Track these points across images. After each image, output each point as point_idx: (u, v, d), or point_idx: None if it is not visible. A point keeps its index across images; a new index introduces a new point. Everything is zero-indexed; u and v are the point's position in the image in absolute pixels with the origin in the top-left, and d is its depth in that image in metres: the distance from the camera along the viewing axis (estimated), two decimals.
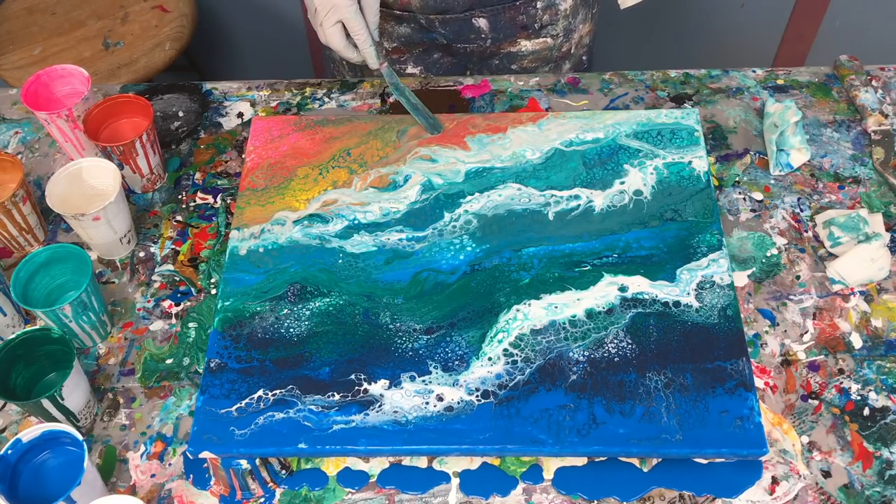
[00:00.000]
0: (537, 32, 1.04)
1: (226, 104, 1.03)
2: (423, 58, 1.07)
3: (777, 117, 0.94)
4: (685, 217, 0.85)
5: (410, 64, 1.07)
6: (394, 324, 0.79)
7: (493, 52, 1.06)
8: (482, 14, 1.00)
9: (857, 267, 0.83)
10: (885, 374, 0.79)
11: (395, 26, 1.03)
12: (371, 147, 0.93)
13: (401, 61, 1.07)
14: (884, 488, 0.73)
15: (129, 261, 0.90)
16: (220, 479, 0.75)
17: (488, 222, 0.86)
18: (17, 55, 1.57)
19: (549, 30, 1.05)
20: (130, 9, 1.64)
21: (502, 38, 1.04)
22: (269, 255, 0.84)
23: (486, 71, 1.09)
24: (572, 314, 0.79)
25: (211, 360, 0.78)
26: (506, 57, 1.07)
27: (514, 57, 1.07)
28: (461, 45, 1.04)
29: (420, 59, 1.07)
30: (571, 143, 0.92)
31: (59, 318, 0.77)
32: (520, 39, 1.05)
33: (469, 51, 1.05)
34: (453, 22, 1.01)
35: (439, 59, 1.07)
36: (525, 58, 1.07)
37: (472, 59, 1.07)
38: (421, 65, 1.07)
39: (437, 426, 0.73)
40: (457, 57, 1.07)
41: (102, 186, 0.89)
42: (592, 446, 0.72)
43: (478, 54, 1.06)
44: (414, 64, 1.07)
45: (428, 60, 1.07)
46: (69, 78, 0.94)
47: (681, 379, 0.75)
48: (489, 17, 1.01)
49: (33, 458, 0.71)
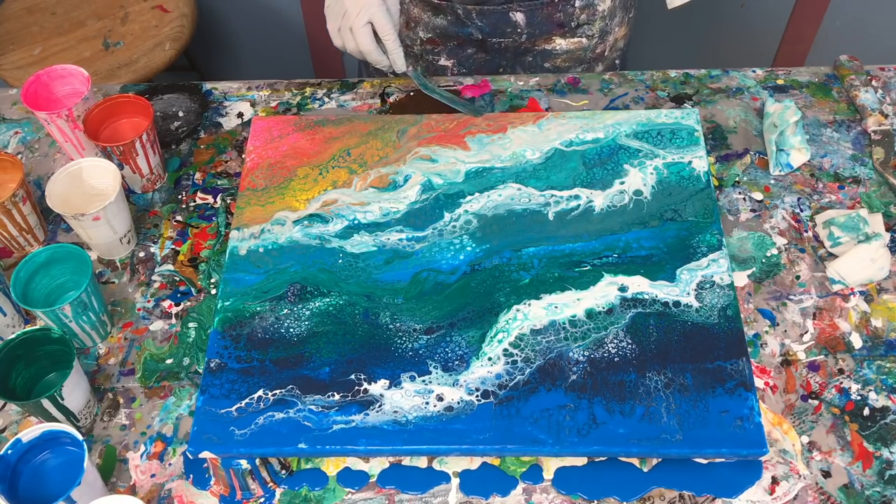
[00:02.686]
0: (573, 31, 1.04)
1: (226, 104, 1.03)
2: (456, 51, 1.06)
3: (776, 117, 0.94)
4: (685, 217, 0.85)
5: (444, 56, 1.07)
6: (394, 324, 0.79)
7: (527, 49, 1.06)
8: (520, 8, 1.00)
9: (857, 267, 0.83)
10: (885, 374, 0.79)
11: (431, 17, 1.03)
12: (371, 147, 0.93)
13: (434, 52, 1.07)
14: (884, 488, 0.73)
15: (129, 261, 0.90)
16: (220, 479, 0.75)
17: (488, 222, 0.86)
18: (17, 55, 1.57)
19: (584, 29, 1.04)
20: (130, 9, 1.64)
21: (538, 34, 1.04)
22: (269, 255, 0.84)
23: (518, 68, 1.08)
24: (572, 314, 0.79)
25: (211, 360, 0.78)
26: (539, 55, 1.07)
27: (548, 55, 1.07)
28: (496, 39, 1.04)
29: (454, 52, 1.07)
30: (571, 143, 0.92)
31: (59, 318, 0.77)
32: (555, 37, 1.05)
33: (503, 46, 1.05)
34: (491, 14, 1.01)
35: (473, 55, 1.07)
36: (559, 56, 1.07)
37: (506, 56, 1.07)
38: (454, 58, 1.07)
39: (437, 426, 0.73)
40: (490, 53, 1.06)
41: (102, 186, 0.89)
42: (592, 446, 0.72)
43: (512, 50, 1.06)
44: (447, 57, 1.07)
45: (462, 55, 1.07)
46: (69, 78, 0.94)
47: (681, 379, 0.75)
48: (526, 12, 1.01)
49: (33, 458, 0.71)
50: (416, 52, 1.07)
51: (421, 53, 1.07)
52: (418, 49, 1.07)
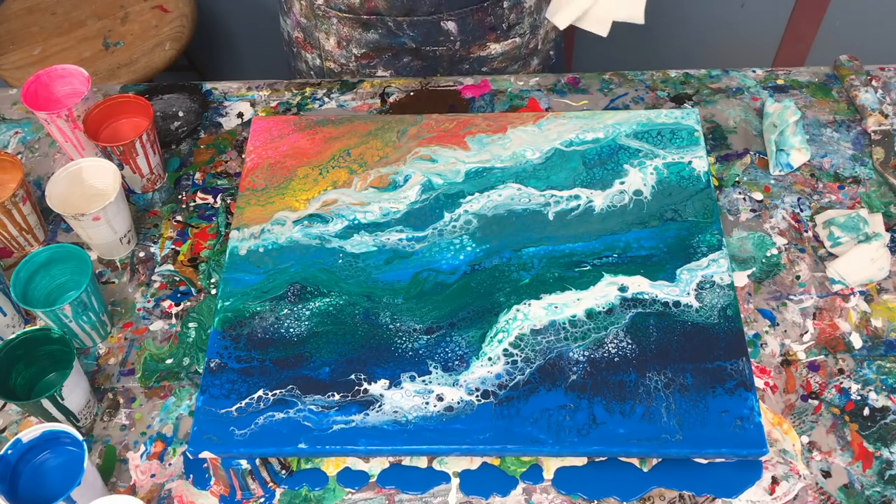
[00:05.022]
0: (506, 34, 1.04)
1: (226, 104, 1.03)
2: (392, 62, 1.06)
3: (776, 117, 0.94)
4: (685, 217, 0.85)
5: (380, 68, 1.07)
6: (394, 324, 0.79)
7: (462, 57, 1.06)
8: (450, 17, 1.00)
9: (857, 267, 0.83)
10: (885, 374, 0.79)
11: (362, 33, 1.02)
12: (371, 147, 0.93)
13: (370, 66, 1.06)
14: (884, 488, 0.73)
15: (129, 261, 0.90)
16: (220, 479, 0.75)
17: (488, 222, 0.86)
18: (17, 55, 1.57)
19: (516, 29, 1.04)
20: (130, 9, 1.64)
21: (471, 40, 1.03)
22: (269, 255, 0.84)
23: (455, 74, 1.08)
24: (572, 314, 0.79)
25: (211, 360, 0.78)
26: (476, 61, 1.07)
27: (484, 60, 1.07)
28: (430, 48, 1.04)
29: (389, 63, 1.06)
30: (571, 143, 0.92)
31: (59, 318, 0.77)
32: (489, 42, 1.05)
33: (438, 54, 1.05)
34: (422, 24, 1.00)
35: (409, 63, 1.06)
36: (494, 59, 1.07)
37: (442, 64, 1.06)
38: (390, 68, 1.07)
39: (437, 426, 0.73)
40: (426, 60, 1.06)
41: (102, 186, 0.89)
42: (592, 446, 0.72)
43: (447, 58, 1.06)
44: (384, 68, 1.07)
45: (398, 64, 1.06)
46: (69, 78, 0.94)
47: (681, 379, 0.75)
48: (457, 20, 1.00)
49: (33, 458, 0.71)
50: (351, 69, 1.07)
51: (357, 69, 1.07)
52: (353, 65, 1.07)
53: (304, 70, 1.14)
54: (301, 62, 1.13)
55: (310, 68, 1.12)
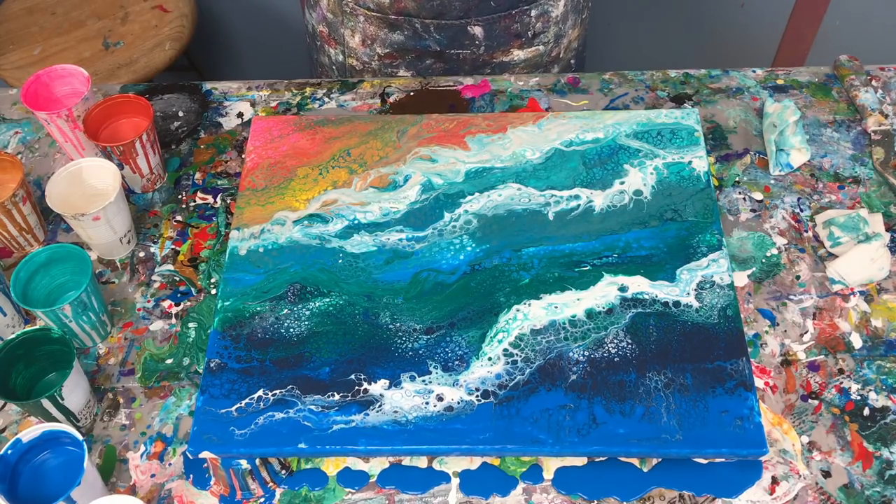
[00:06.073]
0: (530, 41, 1.05)
1: (226, 104, 1.03)
2: (415, 63, 1.07)
3: (776, 117, 0.94)
4: (685, 217, 0.85)
5: (402, 69, 1.07)
6: (394, 324, 0.79)
7: (485, 62, 1.06)
8: (478, 22, 1.00)
9: (857, 267, 0.83)
10: (885, 374, 0.79)
11: (388, 33, 1.03)
12: (371, 147, 0.93)
13: (393, 66, 1.07)
14: (884, 488, 0.73)
15: (129, 261, 0.90)
16: (220, 479, 0.75)
17: (488, 222, 0.86)
18: (17, 55, 1.57)
19: (541, 38, 1.05)
20: (130, 9, 1.64)
21: (496, 46, 1.04)
22: (269, 255, 0.84)
23: None
24: (572, 314, 0.79)
25: (211, 360, 0.78)
26: (498, 66, 1.07)
27: (506, 66, 1.07)
28: (454, 51, 1.04)
29: (412, 64, 1.07)
30: (571, 143, 0.92)
31: (59, 318, 0.77)
32: (513, 49, 1.05)
33: (461, 57, 1.05)
34: (449, 28, 1.01)
35: (431, 66, 1.07)
36: (517, 66, 1.08)
37: (464, 67, 1.07)
38: (412, 70, 1.07)
39: (437, 426, 0.73)
40: (449, 63, 1.06)
41: (102, 186, 0.89)
42: (592, 446, 0.72)
43: (470, 62, 1.06)
44: (406, 69, 1.07)
45: (420, 66, 1.07)
46: (69, 78, 0.94)
47: (681, 379, 0.75)
48: (484, 25, 1.01)
49: (33, 458, 0.71)
50: (373, 68, 1.07)
51: (379, 68, 1.07)
52: (376, 64, 1.07)
53: (327, 64, 1.14)
54: (324, 56, 1.14)
55: (332, 63, 1.12)
